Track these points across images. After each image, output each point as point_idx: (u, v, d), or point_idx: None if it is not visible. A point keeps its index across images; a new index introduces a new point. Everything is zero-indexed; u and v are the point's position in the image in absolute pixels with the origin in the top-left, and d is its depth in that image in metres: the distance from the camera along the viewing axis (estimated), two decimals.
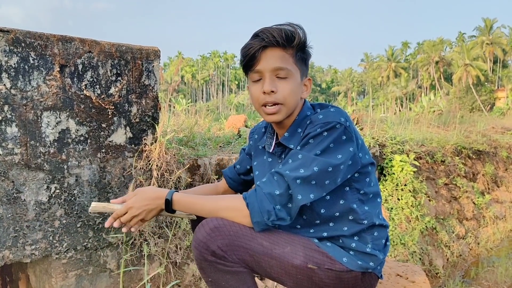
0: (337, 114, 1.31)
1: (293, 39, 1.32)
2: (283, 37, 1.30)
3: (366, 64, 79.86)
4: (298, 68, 1.36)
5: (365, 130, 5.51)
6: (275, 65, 1.32)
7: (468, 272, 5.06)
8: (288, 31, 1.31)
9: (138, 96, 2.39)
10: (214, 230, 1.24)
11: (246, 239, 1.27)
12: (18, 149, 1.99)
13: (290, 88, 1.34)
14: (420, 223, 4.91)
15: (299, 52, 1.36)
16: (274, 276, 1.35)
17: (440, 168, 5.93)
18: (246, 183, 1.75)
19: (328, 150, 1.26)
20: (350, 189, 1.38)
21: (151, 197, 1.33)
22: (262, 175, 1.52)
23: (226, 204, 1.30)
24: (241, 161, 1.73)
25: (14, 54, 1.95)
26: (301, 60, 1.37)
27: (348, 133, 1.29)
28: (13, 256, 2.02)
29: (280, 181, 1.26)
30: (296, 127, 1.40)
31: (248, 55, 1.34)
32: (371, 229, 1.41)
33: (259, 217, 1.24)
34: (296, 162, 1.27)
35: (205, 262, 1.26)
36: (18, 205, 2.01)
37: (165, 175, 2.53)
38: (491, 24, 55.98)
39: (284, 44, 1.31)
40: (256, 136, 1.64)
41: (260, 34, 1.32)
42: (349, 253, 1.39)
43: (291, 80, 1.34)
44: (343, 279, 1.37)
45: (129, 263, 2.41)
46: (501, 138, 8.12)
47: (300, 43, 1.34)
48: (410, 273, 1.96)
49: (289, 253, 1.31)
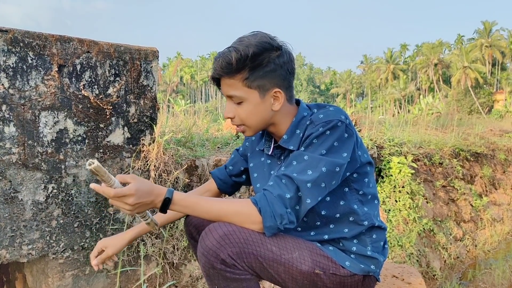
0: (337, 112, 1.31)
1: (230, 67, 1.28)
2: (223, 68, 1.29)
3: (365, 66, 79.99)
4: (254, 89, 1.31)
5: (364, 132, 5.52)
6: (227, 93, 1.34)
7: (465, 274, 5.07)
8: (227, 58, 1.27)
9: (137, 96, 2.40)
10: (224, 237, 1.19)
11: (256, 245, 1.23)
12: (16, 148, 1.99)
13: (246, 111, 1.34)
14: (417, 225, 4.91)
15: (251, 71, 1.29)
16: (279, 281, 1.33)
17: (438, 170, 5.94)
18: (236, 185, 1.71)
19: (333, 149, 1.26)
20: (350, 189, 1.38)
21: (149, 191, 1.21)
22: (261, 177, 1.51)
23: (234, 209, 1.24)
24: (235, 162, 1.68)
25: (12, 54, 1.95)
26: (259, 77, 1.30)
27: (349, 130, 1.29)
28: (10, 256, 2.02)
29: (289, 184, 1.23)
30: (294, 129, 1.39)
31: (213, 81, 1.41)
32: (370, 231, 1.41)
33: (272, 221, 1.21)
34: (302, 163, 1.25)
35: (213, 270, 1.21)
36: (15, 204, 2.01)
37: (163, 176, 2.53)
38: (491, 27, 56.08)
39: (228, 73, 1.29)
40: (253, 138, 1.61)
41: (213, 63, 1.35)
42: (351, 257, 1.38)
43: (246, 103, 1.33)
44: (346, 284, 1.36)
45: (126, 264, 2.41)
46: (499, 141, 8.13)
47: (243, 66, 1.28)
48: (406, 274, 1.96)
49: (297, 258, 1.29)
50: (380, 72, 71.08)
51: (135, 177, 1.23)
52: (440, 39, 65.27)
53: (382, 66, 71.33)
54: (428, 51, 62.41)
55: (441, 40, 65.27)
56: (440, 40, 65.12)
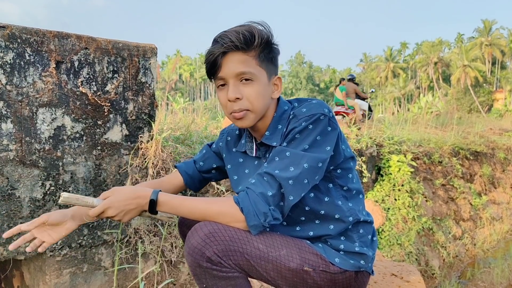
0: (320, 106, 1.29)
1: (253, 40, 1.25)
2: (241, 40, 1.24)
3: (364, 65, 79.91)
4: (264, 69, 1.30)
5: (363, 130, 5.51)
6: (237, 70, 1.26)
7: (464, 273, 5.07)
8: (246, 32, 1.25)
9: (135, 93, 2.38)
10: (209, 235, 1.19)
11: (242, 243, 1.23)
12: (13, 145, 1.98)
13: (256, 91, 1.28)
14: (416, 223, 4.91)
15: (263, 52, 1.29)
16: (269, 280, 1.32)
17: (437, 169, 5.94)
18: (204, 181, 1.67)
19: (315, 143, 1.24)
20: (334, 185, 1.37)
21: (131, 197, 1.25)
22: (243, 179, 1.48)
23: (217, 209, 1.24)
24: (206, 158, 1.64)
25: (9, 50, 1.94)
26: (267, 60, 1.30)
27: (332, 124, 1.28)
28: (7, 253, 2.01)
29: (271, 182, 1.22)
30: (276, 124, 1.36)
31: (209, 62, 1.29)
32: (356, 226, 1.41)
33: (256, 220, 1.21)
34: (284, 160, 1.24)
35: (200, 268, 1.22)
36: (13, 201, 2.00)
37: (161, 173, 2.52)
38: (490, 25, 56.05)
39: (243, 47, 1.25)
40: (229, 138, 1.57)
41: (219, 40, 1.26)
42: (340, 254, 1.38)
43: (256, 83, 1.28)
44: (337, 281, 1.36)
45: (124, 261, 2.40)
46: (498, 140, 8.14)
47: (261, 43, 1.27)
48: (405, 273, 1.96)
49: (285, 256, 1.29)
50: (380, 71, 71.06)
51: (113, 189, 1.28)
52: (440, 38, 65.32)
53: (381, 65, 71.31)
54: (428, 49, 62.39)
55: (441, 38, 65.32)
56: (440, 38, 65.14)
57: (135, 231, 2.46)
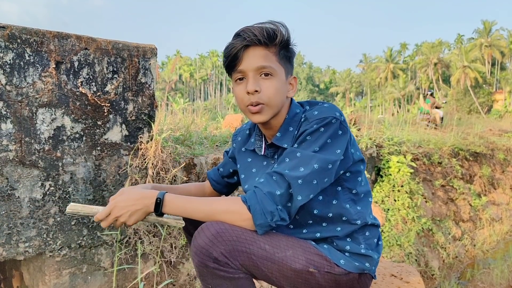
0: (331, 109, 1.30)
1: (275, 37, 1.29)
2: (264, 35, 1.28)
3: (364, 65, 79.92)
4: (282, 67, 1.33)
5: (363, 131, 5.51)
6: (258, 64, 1.29)
7: (464, 273, 5.07)
8: (269, 29, 1.29)
9: (135, 94, 2.38)
10: (216, 235, 1.19)
11: (248, 243, 1.23)
12: (13, 145, 1.98)
13: (275, 87, 1.30)
14: (416, 224, 4.91)
15: (283, 50, 1.33)
16: (274, 280, 1.32)
17: (437, 170, 5.94)
18: (230, 186, 1.72)
19: (326, 145, 1.25)
20: (342, 189, 1.37)
21: (137, 197, 1.25)
22: (249, 178, 1.49)
23: (224, 207, 1.24)
24: (224, 164, 1.70)
25: (9, 50, 1.94)
26: (285, 58, 1.35)
27: (343, 127, 1.28)
28: (6, 254, 2.01)
29: (280, 181, 1.23)
30: (287, 126, 1.37)
31: (230, 55, 1.31)
32: (363, 229, 1.41)
33: (263, 219, 1.21)
34: (294, 160, 1.25)
35: (206, 269, 1.21)
36: (12, 202, 2.00)
37: (160, 174, 2.52)
38: (490, 26, 56.08)
39: (266, 42, 1.29)
40: (239, 139, 1.60)
41: (242, 34, 1.30)
42: (345, 255, 1.38)
43: (275, 78, 1.31)
44: (340, 282, 1.35)
45: (123, 262, 2.40)
46: (498, 140, 8.15)
47: (283, 41, 1.31)
48: (405, 273, 1.96)
49: (291, 257, 1.29)
50: (380, 71, 71.09)
51: (121, 190, 1.31)
52: (439, 39, 65.40)
53: (381, 65, 71.33)
54: (428, 50, 62.44)
55: (440, 39, 65.40)
56: (440, 39, 65.23)
57: (134, 231, 2.46)
